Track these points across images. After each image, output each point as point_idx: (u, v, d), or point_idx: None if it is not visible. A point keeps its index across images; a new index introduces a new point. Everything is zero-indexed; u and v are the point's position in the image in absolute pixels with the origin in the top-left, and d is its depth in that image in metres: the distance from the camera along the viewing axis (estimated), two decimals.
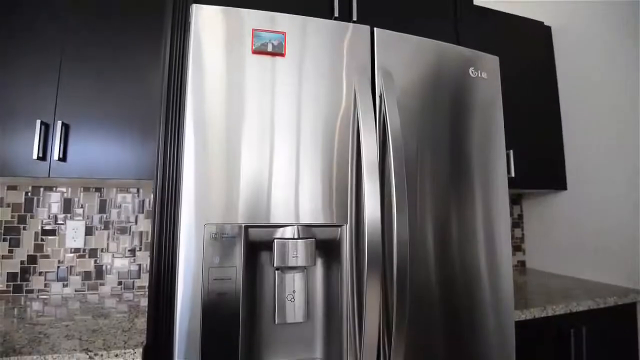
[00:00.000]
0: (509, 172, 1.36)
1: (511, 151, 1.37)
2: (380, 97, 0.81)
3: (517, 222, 1.85)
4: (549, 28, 1.69)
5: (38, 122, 1.01)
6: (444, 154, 0.87)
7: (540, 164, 1.55)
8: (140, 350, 0.76)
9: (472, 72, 0.92)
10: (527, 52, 1.61)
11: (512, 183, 1.37)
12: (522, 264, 1.83)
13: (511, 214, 1.83)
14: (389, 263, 0.77)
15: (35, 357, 0.71)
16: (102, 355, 0.74)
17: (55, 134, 1.03)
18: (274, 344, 0.77)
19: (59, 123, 1.03)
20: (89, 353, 0.74)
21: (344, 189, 0.77)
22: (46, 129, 1.03)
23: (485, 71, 0.94)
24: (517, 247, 1.83)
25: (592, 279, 1.48)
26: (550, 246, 1.69)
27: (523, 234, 1.85)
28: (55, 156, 1.02)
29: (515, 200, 1.86)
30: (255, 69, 0.74)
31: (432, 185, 0.85)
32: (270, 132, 0.74)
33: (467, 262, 0.87)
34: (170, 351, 0.71)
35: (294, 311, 0.74)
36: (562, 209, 1.63)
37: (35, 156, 1.00)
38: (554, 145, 1.60)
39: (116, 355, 0.75)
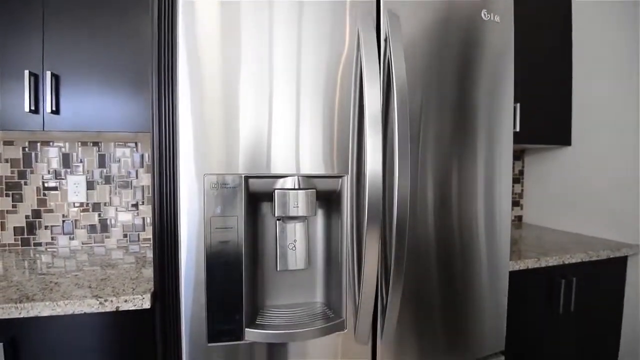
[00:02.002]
0: (514, 126, 1.33)
1: (518, 104, 1.32)
2: (386, 40, 0.76)
3: (517, 178, 1.84)
4: None
5: (26, 72, 0.97)
6: (449, 104, 0.84)
7: (546, 118, 1.50)
8: (149, 295, 0.79)
9: (485, 14, 0.86)
10: None
11: (516, 138, 1.34)
12: (519, 218, 1.86)
13: (512, 170, 1.82)
14: (388, 214, 0.78)
15: (47, 303, 0.74)
16: (112, 301, 0.77)
17: (45, 85, 0.99)
18: (276, 288, 0.80)
19: (48, 74, 0.99)
20: (99, 299, 0.77)
21: (345, 139, 0.75)
22: (36, 80, 0.99)
23: (499, 14, 0.88)
24: (515, 203, 1.85)
25: (589, 234, 1.50)
26: (549, 201, 1.70)
27: (522, 190, 1.86)
28: (48, 108, 0.99)
29: (517, 156, 1.84)
30: (251, 7, 0.69)
31: (435, 137, 0.83)
32: (269, 77, 0.70)
33: (465, 215, 0.88)
34: (177, 296, 0.74)
35: (296, 259, 0.76)
36: (564, 164, 1.62)
37: (27, 109, 0.97)
38: (562, 100, 1.55)
39: (125, 301, 0.78)
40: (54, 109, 1.00)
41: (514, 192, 1.84)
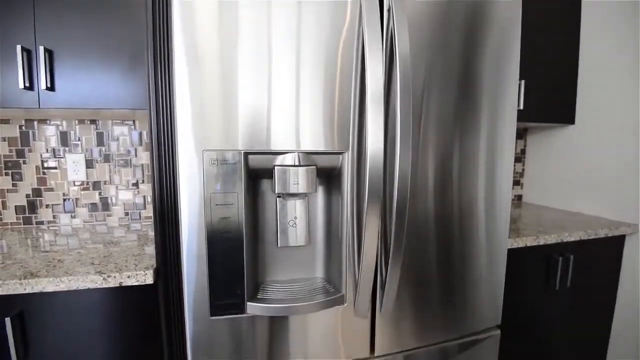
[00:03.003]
0: (518, 104, 1.30)
1: (522, 82, 1.30)
2: (389, 11, 0.73)
3: (519, 157, 1.83)
4: None
5: (18, 47, 0.94)
6: (452, 80, 0.82)
7: (551, 96, 1.47)
8: (151, 271, 0.80)
9: None
10: None
11: (519, 116, 1.32)
12: (518, 198, 1.87)
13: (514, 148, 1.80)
14: (389, 191, 0.78)
15: (51, 279, 0.75)
16: (115, 276, 0.78)
17: (39, 60, 0.97)
18: (277, 264, 0.81)
19: (41, 49, 0.96)
20: (103, 275, 0.78)
21: (346, 115, 0.74)
22: (29, 56, 0.97)
23: None
24: (515, 182, 1.85)
25: (589, 213, 1.51)
26: (550, 181, 1.70)
27: (523, 169, 1.86)
28: (43, 85, 0.97)
29: (520, 134, 1.82)
30: None
31: (437, 113, 0.82)
32: (267, 50, 0.68)
33: (466, 193, 0.88)
34: (179, 272, 0.75)
35: (296, 235, 0.76)
36: (565, 144, 1.60)
37: (21, 85, 0.95)
38: (567, 78, 1.51)
39: (128, 277, 0.79)
40: (48, 85, 0.98)
41: (515, 171, 1.84)
